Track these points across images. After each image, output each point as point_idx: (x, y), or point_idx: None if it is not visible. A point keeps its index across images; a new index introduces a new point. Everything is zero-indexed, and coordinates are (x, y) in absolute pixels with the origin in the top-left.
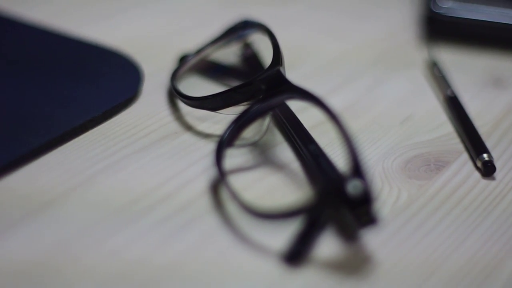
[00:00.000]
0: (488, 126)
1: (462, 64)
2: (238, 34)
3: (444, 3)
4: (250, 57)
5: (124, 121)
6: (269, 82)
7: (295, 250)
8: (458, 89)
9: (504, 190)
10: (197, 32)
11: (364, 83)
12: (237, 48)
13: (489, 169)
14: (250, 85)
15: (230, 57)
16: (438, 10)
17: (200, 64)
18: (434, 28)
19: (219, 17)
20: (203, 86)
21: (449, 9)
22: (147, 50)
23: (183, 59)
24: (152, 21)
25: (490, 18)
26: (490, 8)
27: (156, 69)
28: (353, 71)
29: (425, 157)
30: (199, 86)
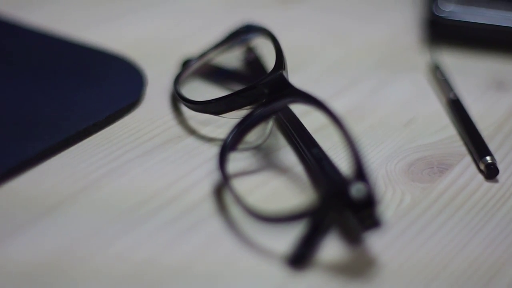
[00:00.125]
0: (490, 129)
1: (464, 67)
2: (241, 38)
3: (446, 7)
4: (253, 61)
5: (127, 125)
6: (272, 86)
7: (299, 254)
8: (461, 92)
9: (507, 192)
10: (200, 36)
11: (367, 86)
12: (240, 52)
13: (492, 171)
14: (253, 89)
15: (233, 61)
16: (440, 14)
17: (203, 68)
18: (437, 31)
19: (222, 21)
20: (206, 90)
21: (451, 12)
22: (150, 54)
23: (186, 63)
24: (155, 25)
25: (493, 22)
26: (492, 11)
27: (159, 73)
28: (355, 74)
29: (428, 160)
30: (202, 90)
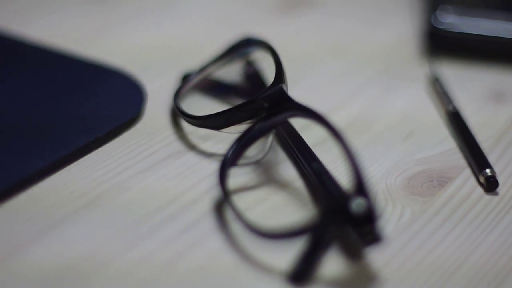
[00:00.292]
0: (490, 141)
1: (464, 79)
2: (241, 51)
3: (445, 18)
4: (252, 75)
5: (127, 141)
6: (272, 100)
7: (300, 270)
8: (460, 104)
9: (508, 205)
10: (199, 50)
11: (367, 98)
12: (239, 65)
13: (492, 184)
14: (253, 103)
15: (233, 75)
16: (439, 26)
17: (203, 83)
18: (436, 43)
19: (222, 33)
20: (206, 105)
21: (450, 24)
22: (149, 68)
23: (186, 78)
24: (154, 39)
25: (492, 33)
26: (491, 22)
27: (159, 87)
28: (355, 86)
29: (428, 173)
30: (202, 105)
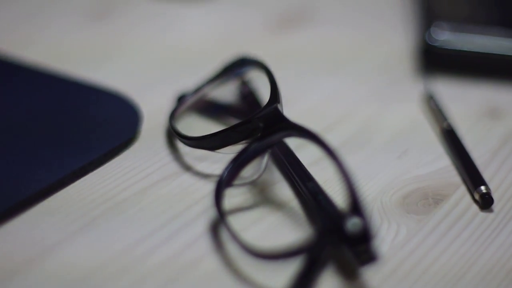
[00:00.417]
0: (485, 157)
1: (458, 95)
2: (236, 71)
3: (439, 36)
4: (248, 95)
5: (123, 163)
6: (267, 120)
7: None
8: (455, 121)
9: (503, 222)
10: (194, 70)
11: (361, 117)
12: (235, 85)
13: (487, 201)
14: (248, 124)
15: (228, 95)
16: (433, 43)
17: (198, 103)
18: (430, 60)
19: (218, 53)
20: (201, 125)
21: (445, 41)
22: (145, 89)
23: (181, 99)
24: (149, 60)
25: (485, 49)
26: (485, 38)
27: (154, 108)
28: (349, 105)
29: (423, 191)
30: (197, 125)
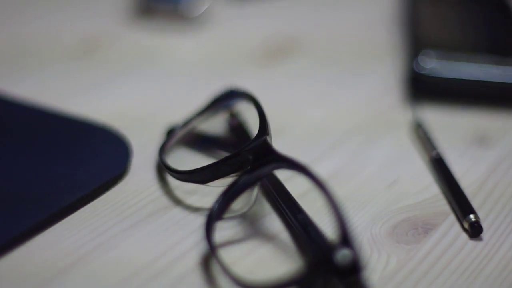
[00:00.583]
0: (474, 186)
1: (447, 123)
2: (225, 104)
3: (427, 64)
4: (237, 127)
5: (113, 198)
6: (256, 152)
7: None
8: (444, 149)
9: (492, 250)
10: (184, 103)
11: (350, 147)
12: (224, 118)
13: (476, 230)
14: (237, 157)
15: (217, 127)
16: (421, 71)
17: (187, 137)
18: (418, 89)
19: (207, 85)
20: (191, 159)
21: (432, 69)
22: (134, 124)
23: (171, 132)
24: (138, 93)
25: (473, 77)
26: (472, 65)
27: (144, 142)
28: (338, 135)
29: (413, 221)
30: (187, 159)
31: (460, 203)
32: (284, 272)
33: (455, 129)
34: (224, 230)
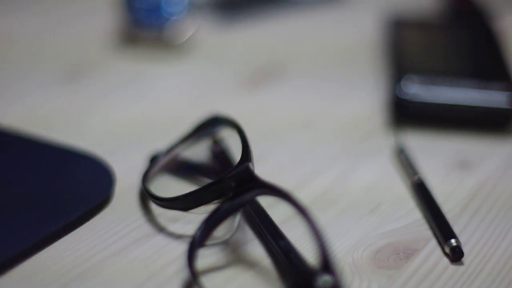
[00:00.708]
0: (456, 210)
1: (429, 148)
2: (208, 131)
3: (410, 89)
4: (219, 154)
5: (97, 225)
6: (238, 179)
7: None
8: (426, 173)
9: (473, 274)
10: (168, 130)
11: (333, 173)
12: (207, 145)
13: (457, 254)
14: (220, 183)
15: (200, 154)
16: (404, 96)
17: (170, 163)
18: (401, 113)
19: (188, 113)
20: (174, 186)
21: (415, 94)
22: (118, 151)
23: (154, 159)
24: (120, 120)
25: (455, 101)
26: (454, 89)
27: (127, 169)
28: (321, 161)
29: (394, 246)
30: (170, 186)
31: (441, 228)
32: None
33: (437, 154)
34: (206, 257)
